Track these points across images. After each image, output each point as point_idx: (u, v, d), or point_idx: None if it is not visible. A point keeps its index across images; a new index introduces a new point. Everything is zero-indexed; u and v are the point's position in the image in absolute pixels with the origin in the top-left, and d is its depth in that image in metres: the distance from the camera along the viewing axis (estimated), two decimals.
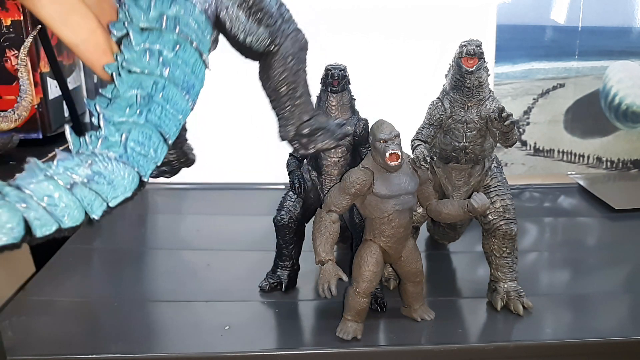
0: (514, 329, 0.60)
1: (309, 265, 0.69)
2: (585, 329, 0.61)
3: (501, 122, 0.59)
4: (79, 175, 0.30)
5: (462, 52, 0.59)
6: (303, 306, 0.65)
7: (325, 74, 0.62)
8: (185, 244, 0.82)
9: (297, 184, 0.65)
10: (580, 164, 1.07)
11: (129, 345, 0.57)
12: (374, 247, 0.58)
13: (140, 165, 0.32)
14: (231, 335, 0.59)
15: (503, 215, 0.63)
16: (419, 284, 0.61)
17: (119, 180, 0.31)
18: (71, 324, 0.61)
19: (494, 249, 0.64)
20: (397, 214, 0.57)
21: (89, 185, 0.30)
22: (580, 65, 1.02)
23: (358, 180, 0.56)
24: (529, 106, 1.03)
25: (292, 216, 0.66)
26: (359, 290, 0.57)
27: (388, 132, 0.55)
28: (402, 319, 0.62)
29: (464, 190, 0.66)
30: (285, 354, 0.56)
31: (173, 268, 0.75)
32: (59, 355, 0.56)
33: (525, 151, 1.06)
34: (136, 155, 0.33)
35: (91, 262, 0.77)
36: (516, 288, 0.64)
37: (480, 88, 0.61)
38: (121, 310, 0.64)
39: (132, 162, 0.32)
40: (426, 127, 0.63)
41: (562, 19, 1.00)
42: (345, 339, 0.57)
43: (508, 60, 1.01)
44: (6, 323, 0.60)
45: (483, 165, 0.65)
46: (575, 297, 0.67)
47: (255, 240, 0.83)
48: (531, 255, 0.78)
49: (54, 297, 0.66)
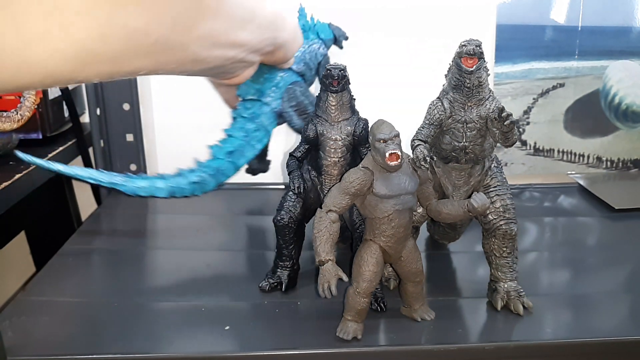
0: (514, 329, 0.60)
1: (309, 265, 0.69)
2: (585, 329, 0.61)
3: (501, 122, 0.59)
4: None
5: (462, 52, 0.59)
6: (303, 306, 0.65)
7: (325, 74, 0.62)
8: (185, 244, 0.82)
9: (297, 184, 0.65)
10: (580, 163, 1.07)
11: (129, 345, 0.57)
12: (374, 247, 0.58)
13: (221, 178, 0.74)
14: (231, 335, 0.59)
15: (503, 215, 0.64)
16: (419, 284, 0.61)
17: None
18: (71, 324, 0.61)
19: (494, 249, 0.64)
20: (397, 214, 0.57)
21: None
22: (580, 65, 1.02)
23: (358, 180, 0.56)
24: (529, 106, 1.03)
25: (292, 216, 0.66)
26: (359, 290, 0.57)
27: (388, 132, 0.55)
28: (402, 319, 0.62)
29: (464, 190, 0.66)
30: (285, 354, 0.56)
31: (173, 268, 0.75)
32: (59, 355, 0.56)
33: (525, 151, 1.06)
34: (220, 175, 0.73)
35: (91, 262, 0.77)
36: (516, 288, 0.64)
37: (480, 88, 0.61)
38: (121, 310, 0.64)
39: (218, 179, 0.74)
40: (426, 127, 0.63)
41: (562, 19, 1.00)
42: (345, 339, 0.57)
43: (508, 60, 1.01)
44: (6, 323, 0.60)
45: (483, 165, 0.65)
46: (575, 297, 0.67)
47: (255, 240, 0.83)
48: (531, 255, 0.78)
49: (54, 297, 0.66)
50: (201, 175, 0.73)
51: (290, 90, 0.79)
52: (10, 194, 0.73)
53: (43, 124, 0.88)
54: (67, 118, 0.96)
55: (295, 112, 0.79)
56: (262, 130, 0.77)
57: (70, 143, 0.93)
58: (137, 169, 1.01)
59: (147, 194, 0.71)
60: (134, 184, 0.71)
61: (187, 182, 0.72)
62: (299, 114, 0.79)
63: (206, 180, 0.73)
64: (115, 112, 0.98)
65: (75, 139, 0.94)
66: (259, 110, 0.76)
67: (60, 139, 0.93)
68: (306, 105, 0.80)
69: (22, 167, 0.78)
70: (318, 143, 0.64)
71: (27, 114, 0.84)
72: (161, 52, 0.32)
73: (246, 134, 0.75)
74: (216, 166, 0.73)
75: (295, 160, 0.66)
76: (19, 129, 0.84)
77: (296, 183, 0.65)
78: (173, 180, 0.71)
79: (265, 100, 0.76)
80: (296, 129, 0.80)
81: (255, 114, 0.76)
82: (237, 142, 0.75)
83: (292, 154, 0.66)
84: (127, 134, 1.00)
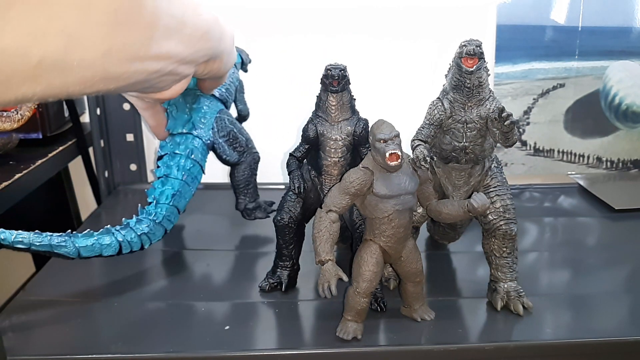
0: (514, 329, 0.60)
1: (309, 265, 0.69)
2: (585, 329, 0.61)
3: (501, 122, 0.59)
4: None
5: (462, 52, 0.59)
6: (303, 306, 0.65)
7: (325, 74, 0.62)
8: (185, 244, 0.82)
9: (297, 184, 0.65)
10: (580, 164, 1.07)
11: (129, 345, 0.57)
12: (374, 247, 0.58)
13: (167, 225, 0.71)
14: (231, 335, 0.59)
15: (503, 215, 0.64)
16: (419, 284, 0.61)
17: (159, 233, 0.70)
18: (71, 324, 0.61)
19: (494, 249, 0.64)
20: (397, 214, 0.57)
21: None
22: (580, 65, 1.02)
23: (358, 180, 0.56)
24: (529, 106, 1.03)
25: (292, 216, 0.66)
26: (359, 290, 0.57)
27: (388, 132, 0.55)
28: (402, 319, 0.62)
29: (464, 190, 0.66)
30: (285, 354, 0.56)
31: (173, 268, 0.75)
32: (59, 355, 0.56)
33: (525, 151, 1.06)
34: (166, 222, 0.70)
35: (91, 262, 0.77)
36: (516, 288, 0.64)
37: (480, 88, 0.61)
38: (121, 310, 0.64)
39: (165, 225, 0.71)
40: (426, 127, 0.62)
41: (562, 19, 1.00)
42: (345, 339, 0.57)
43: (508, 60, 1.01)
44: (6, 323, 0.60)
45: (483, 165, 0.65)
46: (575, 297, 0.67)
47: (255, 240, 0.83)
48: (531, 255, 0.78)
49: (54, 297, 0.66)
50: (149, 225, 0.68)
51: (219, 119, 0.77)
52: (10, 194, 0.73)
53: (43, 124, 0.88)
54: (67, 118, 0.96)
55: (226, 142, 0.78)
56: (196, 166, 0.73)
57: (70, 143, 0.93)
58: (137, 169, 1.01)
59: (92, 253, 0.63)
60: (76, 244, 0.62)
61: (136, 235, 0.67)
62: (229, 144, 0.78)
63: (154, 230, 0.68)
64: (115, 112, 0.98)
65: (75, 138, 0.94)
66: (191, 144, 0.73)
67: (60, 139, 0.93)
68: (235, 133, 0.79)
69: (22, 167, 0.78)
70: (318, 143, 0.64)
71: (27, 113, 0.84)
72: (52, 74, 0.26)
73: (184, 172, 0.71)
74: (163, 212, 0.69)
75: (295, 160, 0.66)
76: (19, 129, 0.84)
77: (296, 183, 0.65)
78: (121, 235, 0.65)
79: (195, 133, 0.73)
80: (229, 162, 0.80)
81: (189, 149, 0.72)
82: (177, 183, 0.71)
83: (292, 154, 0.66)
84: (127, 134, 1.00)
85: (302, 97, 0.76)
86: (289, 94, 0.97)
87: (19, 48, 0.24)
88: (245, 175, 0.82)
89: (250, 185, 0.84)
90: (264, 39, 0.96)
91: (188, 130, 0.74)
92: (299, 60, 0.97)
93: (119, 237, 0.65)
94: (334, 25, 0.98)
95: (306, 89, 0.72)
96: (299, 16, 0.97)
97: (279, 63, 0.97)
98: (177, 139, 0.73)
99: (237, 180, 0.83)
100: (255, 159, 0.83)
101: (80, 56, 0.28)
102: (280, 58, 0.98)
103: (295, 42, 0.98)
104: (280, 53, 0.97)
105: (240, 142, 0.80)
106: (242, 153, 0.81)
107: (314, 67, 0.67)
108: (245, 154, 0.81)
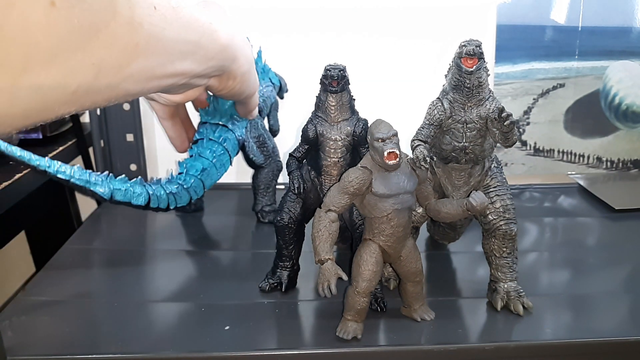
0: (514, 329, 0.60)
1: (309, 266, 0.69)
2: (585, 329, 0.61)
3: (501, 122, 0.59)
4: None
5: (462, 52, 0.59)
6: (303, 306, 0.65)
7: (324, 74, 0.62)
8: (185, 244, 0.82)
9: (297, 185, 0.65)
10: (580, 164, 1.07)
11: (129, 345, 0.57)
12: (374, 247, 0.58)
13: (193, 195, 0.75)
14: (231, 335, 0.59)
15: (503, 215, 0.64)
16: (418, 284, 0.61)
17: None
18: (71, 324, 0.61)
19: (494, 249, 0.64)
20: (396, 213, 0.57)
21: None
22: (580, 65, 1.02)
23: (357, 180, 0.56)
24: (529, 106, 1.03)
25: (292, 216, 0.66)
26: (358, 289, 0.57)
27: (386, 131, 0.55)
28: (402, 319, 0.62)
29: (463, 191, 0.66)
30: (285, 354, 0.57)
31: (173, 268, 0.75)
32: (59, 355, 0.56)
33: (525, 151, 1.06)
34: (192, 190, 0.74)
35: (91, 262, 0.77)
36: (516, 288, 0.64)
37: (480, 88, 0.61)
38: (121, 310, 0.64)
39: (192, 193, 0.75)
40: (426, 127, 0.63)
41: (562, 19, 1.00)
42: (345, 338, 0.57)
43: (508, 60, 1.01)
44: (6, 323, 0.60)
45: (483, 165, 0.65)
46: (575, 297, 0.67)
47: (255, 240, 0.83)
48: (531, 255, 0.78)
49: (54, 297, 0.66)
50: (178, 187, 0.72)
51: (253, 122, 0.83)
52: (10, 194, 0.73)
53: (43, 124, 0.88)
54: (67, 118, 0.96)
55: (256, 144, 0.84)
56: (226, 155, 0.78)
57: (71, 143, 0.93)
58: (137, 169, 1.01)
59: (124, 199, 0.67)
60: (111, 185, 0.66)
61: (165, 193, 0.71)
62: (258, 146, 0.84)
63: (181, 194, 0.73)
64: (115, 112, 0.98)
65: (75, 139, 0.94)
66: (225, 135, 0.78)
67: (60, 139, 0.93)
68: (265, 139, 0.86)
69: (22, 167, 0.78)
70: (318, 143, 0.64)
71: None
72: (85, 97, 0.31)
73: (214, 156, 0.76)
74: (190, 181, 0.74)
75: (295, 160, 0.66)
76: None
77: (296, 183, 0.65)
78: (152, 188, 0.70)
79: (230, 127, 0.79)
80: (255, 163, 0.85)
81: (222, 137, 0.78)
82: (207, 162, 0.76)
83: (292, 154, 0.66)
84: (127, 134, 1.00)
85: (301, 97, 0.76)
86: (288, 93, 0.96)
87: (60, 82, 0.28)
88: (268, 178, 0.87)
89: (270, 189, 0.88)
90: (264, 38, 0.96)
91: (224, 123, 0.79)
92: (299, 60, 0.97)
93: (149, 190, 0.69)
94: (334, 25, 0.98)
95: (306, 89, 0.72)
96: (299, 16, 0.98)
97: (278, 63, 0.97)
98: (214, 128, 0.78)
99: (258, 182, 0.88)
100: (279, 166, 0.88)
101: (107, 82, 0.32)
102: (280, 58, 0.98)
103: (295, 42, 0.98)
104: (280, 53, 0.97)
105: (268, 147, 0.86)
106: (268, 158, 0.86)
107: (314, 67, 0.67)
108: (270, 160, 0.87)
